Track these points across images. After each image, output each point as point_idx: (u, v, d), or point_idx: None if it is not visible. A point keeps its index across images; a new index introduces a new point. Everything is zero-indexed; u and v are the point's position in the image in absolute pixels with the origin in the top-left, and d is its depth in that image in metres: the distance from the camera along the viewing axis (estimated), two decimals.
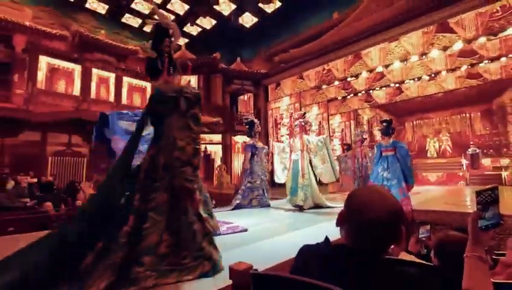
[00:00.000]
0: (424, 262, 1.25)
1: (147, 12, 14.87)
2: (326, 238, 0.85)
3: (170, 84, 1.84)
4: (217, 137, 13.34)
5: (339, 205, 4.65)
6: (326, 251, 0.80)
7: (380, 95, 11.60)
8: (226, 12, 14.73)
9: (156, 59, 1.89)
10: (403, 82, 10.03)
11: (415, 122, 14.52)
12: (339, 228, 0.82)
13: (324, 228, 3.02)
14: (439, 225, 3.71)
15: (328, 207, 4.50)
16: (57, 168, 10.30)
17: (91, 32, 12.20)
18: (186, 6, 14.69)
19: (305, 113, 5.22)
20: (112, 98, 12.13)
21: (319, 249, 0.83)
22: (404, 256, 1.73)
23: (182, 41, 17.39)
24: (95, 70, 11.72)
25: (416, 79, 9.68)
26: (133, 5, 14.30)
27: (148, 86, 13.62)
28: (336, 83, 10.85)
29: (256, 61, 16.26)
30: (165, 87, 1.78)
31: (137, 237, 1.43)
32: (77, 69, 11.44)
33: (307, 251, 0.86)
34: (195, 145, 1.64)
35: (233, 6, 14.54)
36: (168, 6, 14.68)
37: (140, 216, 1.47)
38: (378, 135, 13.89)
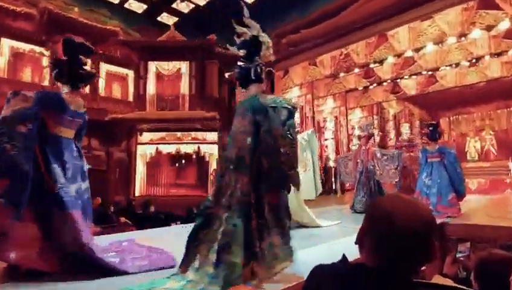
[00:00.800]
0: (461, 287, 1.24)
1: None
2: (344, 257, 0.86)
3: (267, 95, 2.34)
4: (212, 135, 13.37)
5: (332, 223, 4.18)
6: (344, 271, 0.80)
7: (410, 85, 11.53)
8: None
9: (249, 69, 2.32)
10: (437, 69, 9.97)
11: (451, 118, 14.40)
12: (358, 246, 0.83)
13: (338, 245, 3.02)
14: (481, 242, 3.69)
15: (318, 226, 3.90)
16: None
17: (62, 10, 12.30)
18: None
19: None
20: (87, 89, 12.20)
21: (335, 269, 0.83)
22: (438, 279, 1.72)
23: (171, 20, 17.49)
24: None
25: (453, 65, 9.61)
26: None
27: (130, 74, 13.70)
28: (356, 70, 10.80)
29: None
30: (264, 98, 2.25)
31: (264, 226, 2.07)
32: (46, 53, 11.53)
33: (319, 272, 0.86)
34: (295, 151, 2.27)
35: None
36: None
37: (259, 211, 2.07)
38: (405, 133, 13.82)
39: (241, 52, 2.39)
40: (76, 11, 12.92)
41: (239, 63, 2.36)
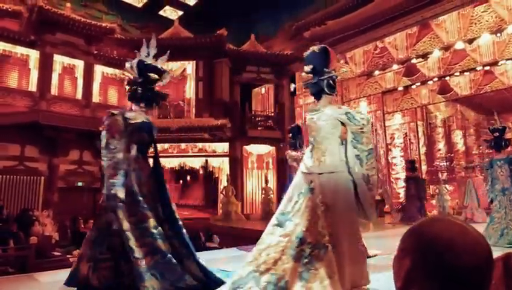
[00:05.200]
0: None
1: None
2: None
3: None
4: (223, 146, 13.48)
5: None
6: None
7: (462, 83, 11.29)
8: None
9: (501, 139, 5.31)
10: (495, 63, 9.74)
11: None
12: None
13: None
14: None
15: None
16: (5, 190, 10.77)
17: (53, 6, 12.93)
18: None
19: None
20: (79, 95, 12.64)
21: None
22: None
23: (175, 14, 18.02)
24: (57, 57, 12.34)
25: None
26: None
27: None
28: (395, 66, 10.68)
29: (278, 39, 16.43)
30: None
31: None
32: (34, 55, 12.08)
33: None
34: None
35: None
36: None
37: None
38: (460, 143, 13.41)
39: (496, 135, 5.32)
40: (69, 7, 13.56)
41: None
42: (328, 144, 2.65)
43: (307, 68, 2.80)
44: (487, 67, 10.13)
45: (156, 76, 2.84)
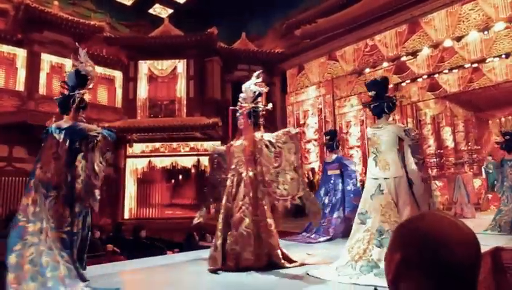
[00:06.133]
0: None
1: None
2: None
3: None
4: (214, 145, 13.42)
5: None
6: None
7: (451, 81, 11.42)
8: None
9: None
10: (483, 61, 9.87)
11: (504, 119, 14.18)
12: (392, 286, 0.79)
13: None
14: None
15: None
16: None
17: (40, 4, 12.71)
18: None
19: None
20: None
21: None
22: None
23: (165, 12, 17.87)
24: (45, 56, 12.15)
25: (503, 56, 9.51)
26: None
27: (117, 75, 13.96)
28: (385, 64, 10.77)
29: (269, 37, 16.42)
30: None
31: None
32: (21, 54, 11.88)
33: None
34: None
35: None
36: None
37: None
38: (449, 139, 13.59)
39: None
40: (57, 5, 13.34)
41: None
42: (390, 154, 3.34)
43: (371, 93, 3.58)
44: (475, 65, 10.27)
45: (61, 80, 3.19)
